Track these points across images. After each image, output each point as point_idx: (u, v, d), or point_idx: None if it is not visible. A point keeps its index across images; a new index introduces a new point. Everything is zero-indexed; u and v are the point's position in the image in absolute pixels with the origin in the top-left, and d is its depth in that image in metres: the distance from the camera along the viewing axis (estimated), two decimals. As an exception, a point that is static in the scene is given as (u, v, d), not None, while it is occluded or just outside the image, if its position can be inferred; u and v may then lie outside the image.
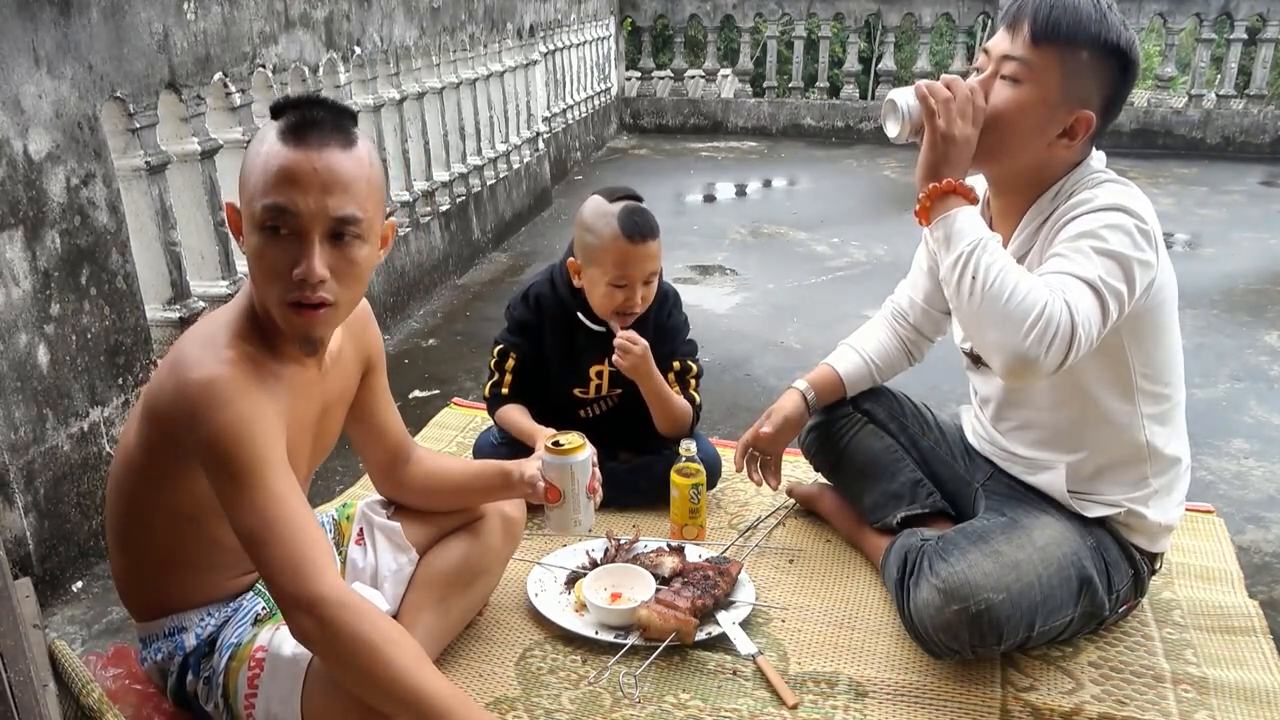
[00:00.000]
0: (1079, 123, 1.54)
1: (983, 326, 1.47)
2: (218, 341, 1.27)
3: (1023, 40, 1.53)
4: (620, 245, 2.02)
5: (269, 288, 1.25)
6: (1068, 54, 1.51)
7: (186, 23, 2.39)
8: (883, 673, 1.71)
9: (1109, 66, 1.52)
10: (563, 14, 5.88)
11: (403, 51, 3.69)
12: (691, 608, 1.76)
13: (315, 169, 1.20)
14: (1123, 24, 1.53)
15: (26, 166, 1.89)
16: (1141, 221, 1.49)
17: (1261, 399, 2.97)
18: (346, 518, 1.72)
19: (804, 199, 5.95)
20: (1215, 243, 4.83)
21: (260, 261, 1.24)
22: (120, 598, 1.48)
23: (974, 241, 1.47)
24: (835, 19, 7.59)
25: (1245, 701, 1.64)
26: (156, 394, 1.29)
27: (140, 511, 1.38)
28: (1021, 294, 1.40)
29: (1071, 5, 1.51)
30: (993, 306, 1.43)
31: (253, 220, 1.23)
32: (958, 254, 1.47)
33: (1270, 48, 6.96)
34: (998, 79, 1.55)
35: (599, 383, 2.22)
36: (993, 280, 1.42)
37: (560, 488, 1.53)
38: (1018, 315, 1.39)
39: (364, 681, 1.20)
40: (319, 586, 1.19)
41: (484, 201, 4.51)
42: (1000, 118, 1.54)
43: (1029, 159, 1.58)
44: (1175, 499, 1.74)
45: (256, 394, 1.24)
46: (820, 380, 2.06)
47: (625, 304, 2.08)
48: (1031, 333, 1.38)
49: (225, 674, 1.37)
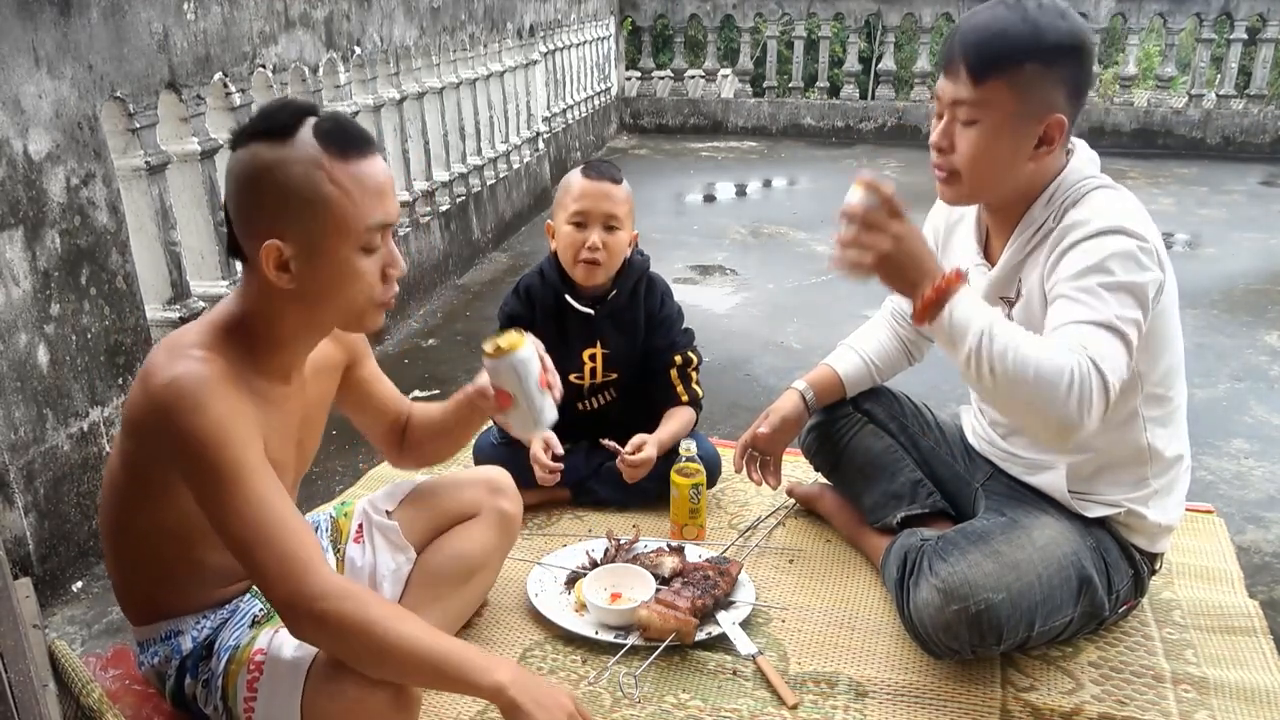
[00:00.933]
0: (1051, 128, 1.52)
1: (1015, 411, 1.47)
2: (185, 344, 1.25)
3: (964, 82, 1.51)
4: (580, 182, 2.13)
5: (371, 290, 1.29)
6: (1012, 77, 1.48)
7: (186, 23, 2.39)
8: (883, 673, 1.71)
9: (1060, 65, 1.49)
10: (563, 14, 5.88)
11: (403, 51, 3.69)
12: (691, 608, 1.76)
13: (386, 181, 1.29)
14: (1060, 14, 1.48)
15: (26, 166, 1.89)
16: (1142, 240, 1.48)
17: (1261, 399, 2.97)
18: (345, 515, 1.72)
19: (804, 199, 5.95)
20: (1215, 243, 4.83)
21: (365, 276, 1.28)
22: (118, 602, 1.48)
23: (977, 334, 1.40)
24: (835, 19, 7.59)
25: (1245, 701, 1.64)
26: (129, 406, 1.28)
27: (129, 531, 1.37)
28: (1044, 370, 1.36)
29: (998, 29, 1.49)
30: (1019, 391, 1.39)
31: (358, 240, 1.25)
32: (966, 353, 1.41)
33: (1270, 48, 6.95)
34: (957, 124, 1.54)
35: (593, 366, 2.23)
36: (1009, 366, 1.37)
37: (509, 389, 1.47)
38: (1046, 393, 1.36)
39: (378, 660, 1.23)
40: (313, 584, 1.20)
41: (484, 201, 4.51)
42: (974, 161, 1.54)
43: (1016, 179, 1.58)
44: (1175, 499, 1.74)
45: (228, 392, 1.22)
46: (820, 380, 2.06)
47: (587, 247, 2.11)
48: (1067, 405, 1.35)
49: (224, 677, 1.37)
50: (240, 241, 1.28)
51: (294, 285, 1.25)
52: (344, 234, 1.24)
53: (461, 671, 1.25)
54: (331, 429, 2.71)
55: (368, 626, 1.21)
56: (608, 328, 2.21)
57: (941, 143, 1.57)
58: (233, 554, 1.23)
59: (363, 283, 1.28)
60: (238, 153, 1.24)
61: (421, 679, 1.30)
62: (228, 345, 1.28)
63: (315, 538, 1.27)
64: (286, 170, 1.21)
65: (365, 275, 1.28)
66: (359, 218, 1.24)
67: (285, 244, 1.22)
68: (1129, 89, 7.31)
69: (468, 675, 1.25)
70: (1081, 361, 1.37)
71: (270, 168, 1.22)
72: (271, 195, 1.22)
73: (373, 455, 2.56)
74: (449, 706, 1.63)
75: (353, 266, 1.26)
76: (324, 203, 1.22)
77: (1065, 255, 1.50)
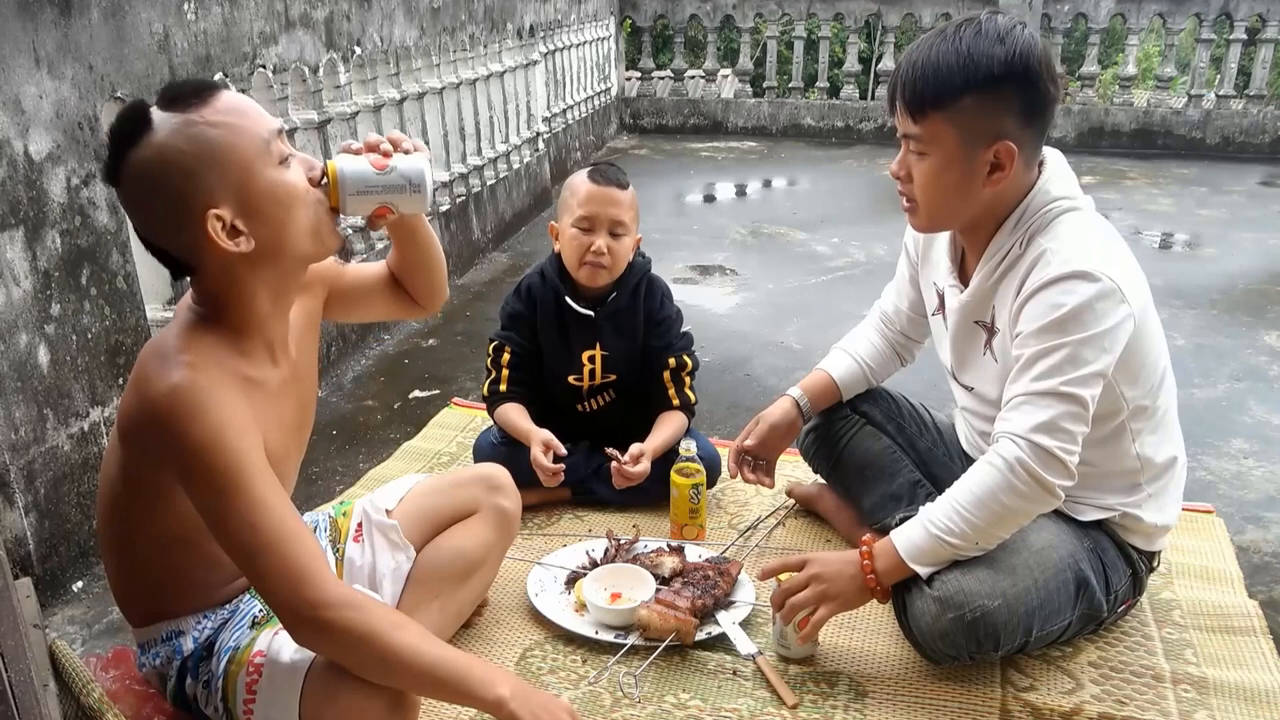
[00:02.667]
0: (1001, 155, 1.52)
1: (1014, 528, 1.58)
2: (172, 348, 1.24)
3: (906, 119, 1.54)
4: (586, 187, 2.12)
5: (309, 198, 1.27)
6: (950, 112, 1.49)
7: (186, 23, 2.39)
8: (883, 673, 1.71)
9: (1001, 93, 1.48)
10: (563, 14, 5.88)
11: (403, 52, 3.69)
12: (691, 608, 1.76)
13: None
14: (998, 39, 1.47)
15: (27, 166, 1.89)
16: (1103, 280, 1.48)
17: (1261, 399, 2.97)
18: (344, 514, 1.72)
19: (804, 199, 5.95)
20: (1215, 243, 4.83)
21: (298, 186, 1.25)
22: (117, 604, 1.48)
23: (938, 544, 1.55)
24: (835, 19, 7.58)
25: (1245, 701, 1.64)
26: (124, 416, 1.27)
27: (128, 535, 1.36)
28: (999, 499, 1.51)
29: (932, 64, 1.49)
30: (1001, 529, 1.55)
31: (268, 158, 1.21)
32: (948, 558, 1.57)
33: (1270, 48, 6.95)
34: (911, 155, 1.57)
35: (592, 368, 2.23)
36: (979, 530, 1.53)
37: (372, 204, 1.33)
38: (1016, 508, 1.52)
39: (380, 669, 1.24)
40: (315, 593, 1.20)
41: (484, 201, 4.51)
42: (928, 191, 1.57)
43: (974, 206, 1.58)
44: (1171, 498, 1.74)
45: (224, 396, 1.21)
46: (814, 386, 2.05)
47: (592, 252, 2.11)
48: (1032, 501, 1.51)
49: (224, 678, 1.37)
50: (178, 253, 1.25)
51: (254, 243, 1.22)
52: (255, 161, 1.20)
53: (463, 684, 1.26)
54: (331, 429, 2.73)
55: (370, 637, 1.21)
56: (608, 329, 2.21)
57: (899, 172, 1.61)
58: (233, 560, 1.23)
59: (298, 196, 1.24)
60: (120, 180, 1.20)
61: (423, 690, 1.31)
62: (210, 341, 1.27)
63: (317, 544, 1.27)
64: (165, 154, 1.17)
65: (294, 189, 1.24)
66: (254, 136, 1.20)
67: (220, 208, 1.19)
68: (1129, 89, 7.30)
69: (469, 688, 1.26)
70: (1014, 457, 1.49)
71: (154, 163, 1.18)
72: (176, 181, 1.18)
73: (373, 455, 2.57)
74: (448, 707, 1.63)
75: (284, 184, 1.23)
76: (219, 147, 1.18)
77: (1029, 301, 1.53)
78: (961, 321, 1.72)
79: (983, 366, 1.71)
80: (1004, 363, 1.63)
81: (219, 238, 1.19)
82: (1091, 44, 7.22)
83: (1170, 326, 3.52)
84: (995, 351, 1.67)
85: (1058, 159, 1.63)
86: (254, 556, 1.20)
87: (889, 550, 1.58)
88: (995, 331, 1.66)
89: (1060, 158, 1.64)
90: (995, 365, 1.67)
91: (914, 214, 1.63)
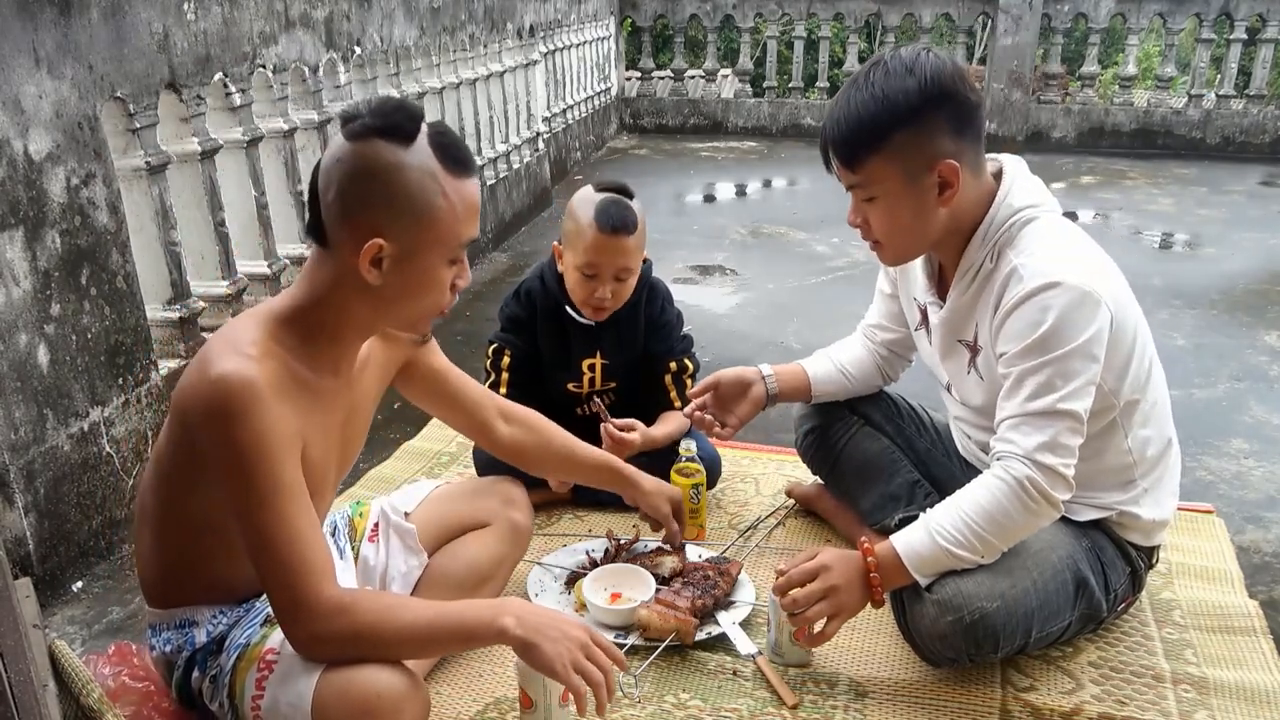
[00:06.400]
0: (945, 173, 1.53)
1: (1017, 539, 1.58)
2: (245, 339, 1.27)
3: (844, 172, 1.57)
4: (592, 233, 2.01)
5: (441, 298, 1.35)
6: (884, 152, 1.51)
7: (186, 23, 2.39)
8: (883, 673, 1.71)
9: (925, 119, 1.50)
10: (563, 14, 5.88)
11: (403, 51, 3.69)
12: (691, 608, 1.76)
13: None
14: (907, 71, 1.49)
15: (27, 166, 1.89)
16: (1075, 287, 1.49)
17: (1261, 399, 2.97)
18: (360, 514, 1.74)
19: (804, 199, 5.95)
20: (1215, 243, 4.83)
21: (442, 285, 1.34)
22: (138, 579, 1.49)
23: (945, 555, 1.55)
24: (835, 19, 7.59)
25: (1245, 701, 1.64)
26: (181, 390, 1.30)
27: (168, 515, 1.39)
28: (1005, 513, 1.51)
29: (854, 115, 1.51)
30: (1006, 543, 1.56)
31: (449, 252, 1.31)
32: (948, 568, 1.57)
33: (1270, 48, 6.96)
34: (860, 203, 1.60)
35: (591, 376, 2.22)
36: (987, 544, 1.54)
37: (533, 697, 1.50)
38: (1020, 522, 1.53)
39: (389, 654, 1.30)
40: (313, 597, 1.24)
41: (484, 201, 4.50)
42: (885, 228, 1.60)
43: (935, 228, 1.60)
44: (1167, 490, 1.73)
45: (276, 403, 1.24)
46: (785, 371, 2.03)
47: (595, 296, 2.07)
48: (1037, 516, 1.52)
49: (232, 674, 1.37)
50: (329, 227, 1.29)
51: (380, 282, 1.28)
52: (442, 245, 1.30)
53: (466, 632, 1.32)
54: (331, 429, 2.72)
55: (365, 634, 1.26)
56: (609, 339, 2.20)
57: (854, 220, 1.64)
58: (247, 552, 1.27)
59: (438, 291, 1.33)
60: (356, 145, 1.26)
61: (435, 652, 1.45)
62: (285, 336, 1.30)
63: (329, 562, 1.30)
64: (405, 175, 1.25)
65: (442, 284, 1.33)
66: (457, 233, 1.30)
67: (387, 243, 1.26)
68: (1129, 89, 7.31)
69: (473, 633, 1.32)
70: (1024, 475, 1.50)
71: (390, 169, 1.25)
72: (385, 195, 1.25)
73: (373, 455, 2.56)
74: (448, 706, 1.63)
75: (437, 275, 1.32)
76: (433, 213, 1.27)
77: (1008, 317, 1.54)
78: (945, 339, 1.74)
79: (969, 383, 1.73)
80: (990, 379, 1.65)
81: (364, 257, 1.26)
82: (1091, 44, 7.22)
83: (1170, 326, 3.52)
84: (980, 369, 1.68)
85: (1016, 166, 1.65)
86: (263, 564, 1.25)
87: (892, 557, 1.57)
88: (978, 350, 1.67)
89: (1019, 164, 1.65)
90: (982, 382, 1.69)
91: (881, 252, 1.67)
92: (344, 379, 1.40)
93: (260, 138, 2.82)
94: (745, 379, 2.01)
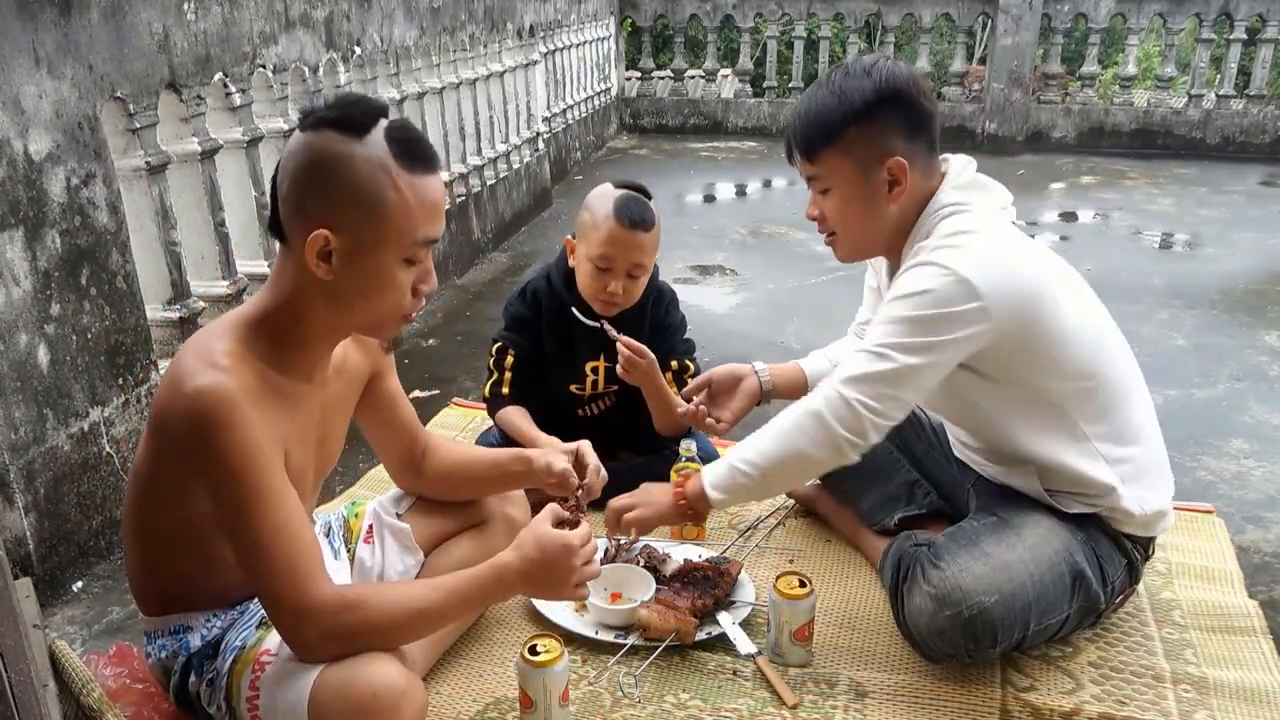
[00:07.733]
0: (894, 170, 1.61)
1: (795, 468, 1.67)
2: (216, 349, 1.25)
3: (803, 163, 1.68)
4: (610, 225, 2.02)
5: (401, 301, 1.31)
6: (839, 145, 1.61)
7: (186, 23, 2.39)
8: (883, 673, 1.71)
9: (879, 117, 1.59)
10: (563, 14, 5.88)
11: (403, 51, 3.69)
12: (691, 608, 1.76)
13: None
14: (864, 73, 1.59)
15: (27, 166, 1.89)
16: (952, 273, 1.53)
17: (1261, 399, 2.97)
18: (355, 515, 1.74)
19: (804, 199, 5.91)
20: (1215, 243, 4.83)
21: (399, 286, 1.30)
22: (130, 589, 1.49)
23: (733, 471, 1.66)
24: (835, 19, 7.59)
25: (1245, 701, 1.64)
26: (156, 405, 1.29)
27: (153, 522, 1.38)
28: (791, 427, 1.61)
29: (814, 111, 1.62)
30: (787, 470, 1.67)
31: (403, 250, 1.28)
32: (740, 488, 1.68)
33: (1270, 48, 6.96)
34: (818, 195, 1.70)
35: (594, 379, 2.22)
36: (769, 461, 1.64)
37: (532, 696, 1.51)
38: (799, 445, 1.61)
39: (394, 643, 1.31)
40: (310, 599, 1.24)
41: (484, 202, 4.51)
42: (841, 221, 1.69)
43: (885, 226, 1.67)
44: (1152, 478, 1.70)
45: (252, 406, 1.23)
46: (781, 369, 2.04)
47: (607, 291, 2.07)
48: (819, 448, 1.60)
49: (229, 676, 1.37)
50: (284, 222, 1.28)
51: (330, 278, 1.26)
52: (392, 242, 1.26)
53: (473, 600, 1.39)
54: (331, 429, 2.72)
55: (366, 631, 1.27)
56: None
57: (812, 213, 1.74)
58: (237, 561, 1.26)
59: (395, 292, 1.30)
60: (307, 135, 1.25)
61: (447, 623, 1.46)
62: (256, 342, 1.29)
63: (321, 555, 1.30)
64: (354, 166, 1.22)
65: (399, 286, 1.29)
66: (411, 229, 1.26)
67: (334, 236, 1.23)
68: (1129, 89, 7.31)
69: (482, 599, 1.40)
70: (818, 406, 1.59)
71: (339, 159, 1.23)
72: (333, 186, 1.23)
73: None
74: (448, 706, 1.63)
75: (391, 275, 1.28)
76: (383, 207, 1.24)
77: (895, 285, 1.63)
78: None
79: None
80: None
81: (309, 248, 1.24)
82: (1091, 44, 7.22)
83: (1170, 326, 3.53)
84: None
85: (959, 166, 1.67)
86: (260, 573, 1.24)
87: (697, 477, 1.71)
88: None
89: (963, 164, 1.68)
90: None
91: (836, 245, 1.74)
92: (318, 383, 1.40)
93: (260, 138, 2.82)
94: (738, 373, 2.02)
